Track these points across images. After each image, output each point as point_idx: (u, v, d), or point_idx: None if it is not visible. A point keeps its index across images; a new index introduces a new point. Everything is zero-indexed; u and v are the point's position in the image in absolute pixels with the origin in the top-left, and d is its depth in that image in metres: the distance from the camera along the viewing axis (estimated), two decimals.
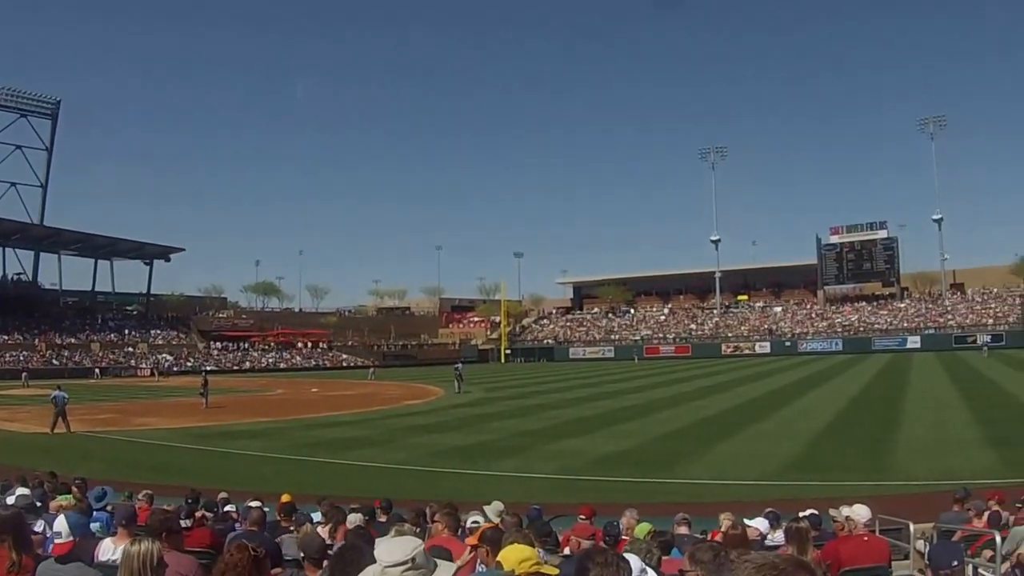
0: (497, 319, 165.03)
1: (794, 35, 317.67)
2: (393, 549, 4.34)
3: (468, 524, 11.73)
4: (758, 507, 15.48)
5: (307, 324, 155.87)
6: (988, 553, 11.73)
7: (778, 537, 12.21)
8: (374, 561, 4.37)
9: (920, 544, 14.18)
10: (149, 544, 5.48)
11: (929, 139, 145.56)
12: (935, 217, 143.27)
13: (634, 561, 4.73)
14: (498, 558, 5.39)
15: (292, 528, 12.58)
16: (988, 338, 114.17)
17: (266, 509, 12.82)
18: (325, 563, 7.06)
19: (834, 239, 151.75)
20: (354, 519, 12.22)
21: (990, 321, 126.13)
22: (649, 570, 4.93)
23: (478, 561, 7.47)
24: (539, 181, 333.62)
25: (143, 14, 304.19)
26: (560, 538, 13.56)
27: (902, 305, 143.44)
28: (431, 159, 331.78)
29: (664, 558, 9.47)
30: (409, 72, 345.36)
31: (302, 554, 7.90)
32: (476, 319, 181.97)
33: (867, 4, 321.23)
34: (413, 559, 4.25)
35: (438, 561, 4.65)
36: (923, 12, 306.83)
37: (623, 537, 11.93)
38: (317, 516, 13.93)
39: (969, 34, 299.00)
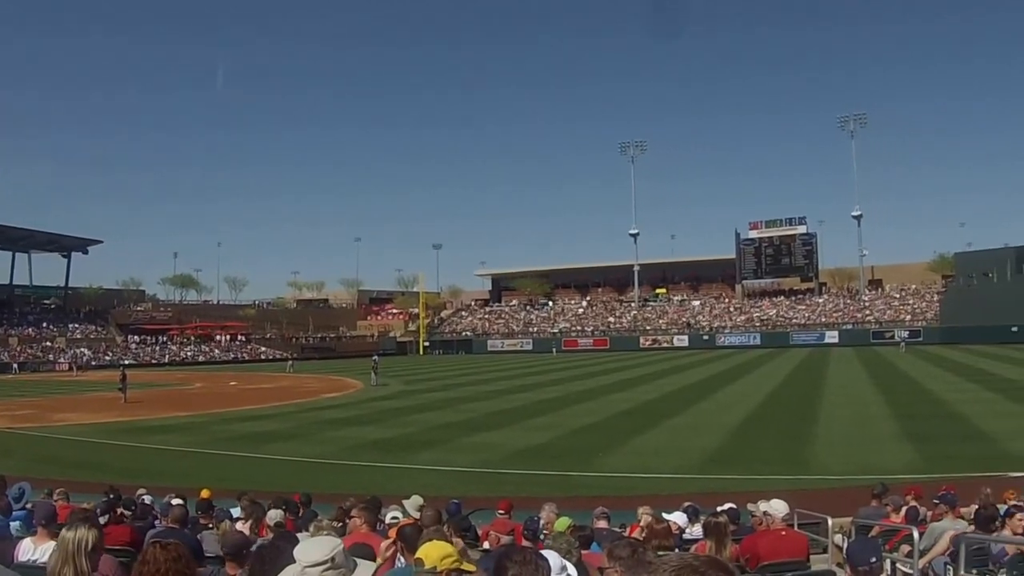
0: (415, 311, 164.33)
1: (715, 31, 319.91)
2: (312, 549, 4.30)
3: (388, 519, 11.66)
4: (677, 500, 15.57)
5: (225, 317, 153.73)
6: (906, 548, 11.85)
7: (696, 531, 12.23)
8: (294, 560, 4.32)
9: (838, 538, 14.30)
10: (85, 530, 5.47)
11: (849, 137, 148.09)
12: (854, 214, 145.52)
13: (554, 558, 4.65)
14: (418, 555, 5.29)
15: (211, 525, 12.44)
16: (906, 334, 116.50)
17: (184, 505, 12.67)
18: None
19: (753, 234, 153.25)
20: (274, 515, 12.11)
21: (908, 317, 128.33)
22: (570, 567, 4.83)
23: (397, 556, 7.40)
24: (458, 173, 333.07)
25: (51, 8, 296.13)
26: (479, 532, 13.51)
27: (820, 300, 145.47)
28: (349, 150, 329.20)
29: (583, 552, 9.42)
30: (326, 65, 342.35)
31: (223, 551, 7.74)
32: (395, 311, 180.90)
33: (788, 2, 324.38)
34: (332, 558, 4.22)
35: (358, 560, 4.62)
36: (845, 11, 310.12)
37: (543, 532, 11.90)
38: (237, 512, 13.86)
39: (889, 34, 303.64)
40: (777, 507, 10.77)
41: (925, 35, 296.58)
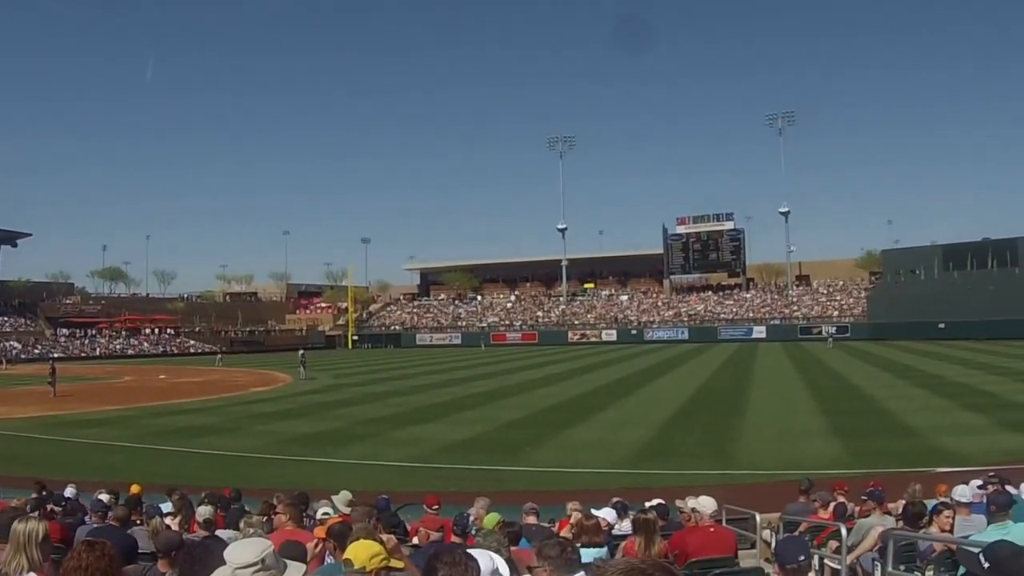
0: (344, 305, 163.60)
1: (646, 29, 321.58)
2: (242, 551, 4.33)
3: (319, 515, 11.60)
4: (606, 495, 15.60)
5: (154, 310, 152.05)
6: (834, 544, 11.92)
7: (626, 527, 12.22)
8: (223, 560, 4.32)
9: (766, 534, 14.37)
10: (36, 522, 5.69)
11: (778, 134, 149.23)
12: (782, 210, 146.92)
13: (484, 558, 4.60)
14: (346, 555, 5.29)
15: (140, 521, 12.24)
16: (833, 329, 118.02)
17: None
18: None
19: (681, 229, 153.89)
20: (203, 512, 11.95)
21: (835, 313, 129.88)
22: (502, 566, 4.77)
23: (326, 553, 7.42)
24: (387, 166, 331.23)
25: None
26: (408, 528, 13.43)
27: (748, 296, 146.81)
28: (279, 143, 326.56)
29: (512, 549, 9.36)
30: (256, 57, 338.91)
31: (156, 549, 7.68)
32: (323, 305, 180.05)
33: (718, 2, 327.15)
34: (263, 560, 4.25)
35: (288, 562, 4.62)
36: (774, 9, 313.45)
37: (473, 528, 11.87)
38: (167, 507, 13.77)
39: (820, 33, 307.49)
40: (705, 504, 10.81)
41: (853, 35, 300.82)
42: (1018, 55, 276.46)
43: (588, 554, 8.60)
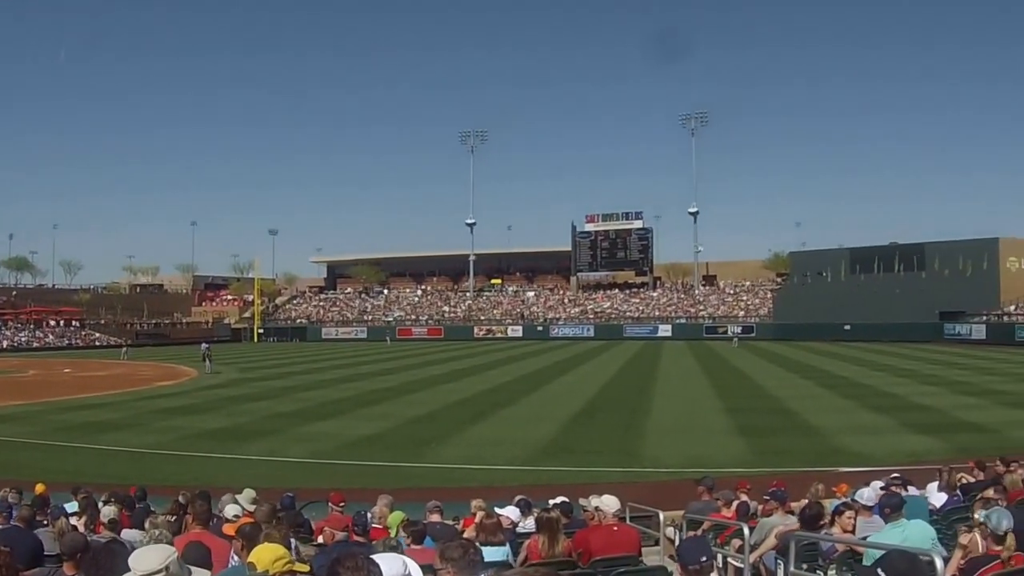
0: (250, 298, 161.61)
1: (557, 26, 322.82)
2: (146, 558, 4.41)
3: (230, 515, 11.49)
4: (510, 492, 15.59)
5: (60, 301, 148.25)
6: (737, 543, 12.03)
7: (529, 525, 12.22)
8: (128, 567, 4.38)
9: (670, 532, 14.49)
10: None
11: (690, 135, 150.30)
12: (691, 210, 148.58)
13: (390, 563, 4.62)
14: (250, 559, 5.35)
15: (46, 522, 12.05)
16: (739, 329, 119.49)
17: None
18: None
19: (589, 227, 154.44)
20: (108, 512, 11.87)
21: (741, 313, 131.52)
22: (415, 570, 4.78)
23: (231, 553, 7.46)
24: (296, 157, 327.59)
25: None
26: (314, 527, 13.35)
27: (655, 294, 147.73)
28: (186, 134, 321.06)
29: (416, 547, 9.33)
30: (160, 51, 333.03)
31: (61, 551, 7.60)
32: (229, 297, 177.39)
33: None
34: (167, 567, 4.33)
35: (193, 569, 4.79)
36: (689, 9, 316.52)
37: (375, 525, 11.83)
38: (72, 507, 13.60)
39: (731, 34, 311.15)
40: (609, 502, 10.85)
41: (764, 37, 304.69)
42: (926, 66, 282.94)
43: (490, 553, 8.60)
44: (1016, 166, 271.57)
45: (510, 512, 12.31)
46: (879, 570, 6.01)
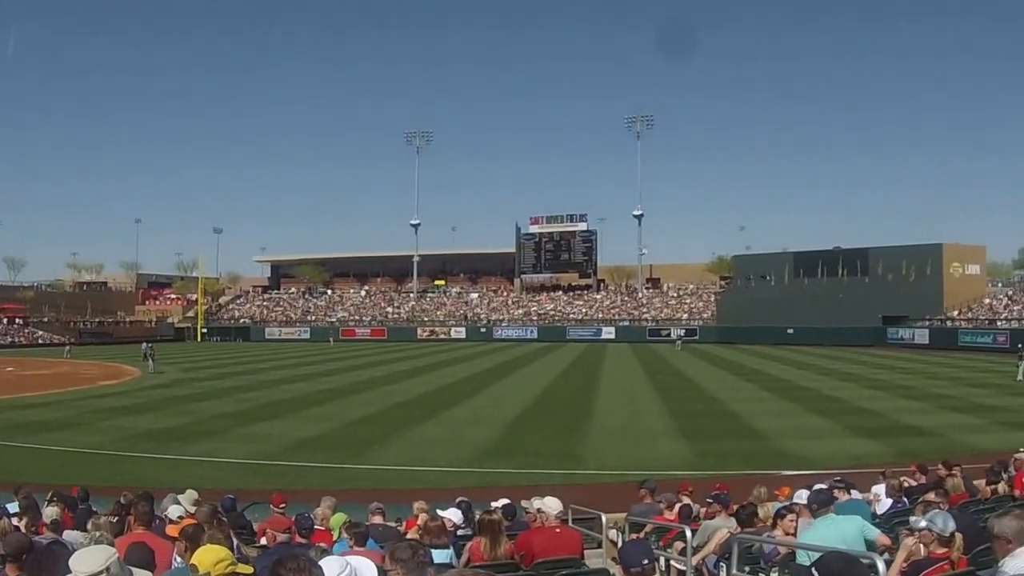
0: (194, 297, 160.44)
1: (505, 27, 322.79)
2: (87, 559, 4.39)
3: (175, 516, 11.41)
4: (452, 494, 15.58)
5: (3, 298, 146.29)
6: (679, 545, 12.09)
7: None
8: (69, 569, 4.39)
9: (613, 534, 14.54)
10: None
11: (636, 137, 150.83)
12: (635, 213, 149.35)
13: (332, 565, 4.65)
14: (193, 560, 5.39)
15: None
16: (682, 332, 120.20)
17: None
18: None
19: (533, 229, 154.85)
20: (50, 513, 11.81)
21: (685, 316, 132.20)
22: (369, 569, 4.80)
23: (174, 554, 7.46)
24: (241, 155, 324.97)
25: None
26: (256, 528, 13.28)
27: (598, 296, 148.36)
28: (131, 130, 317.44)
29: (359, 550, 9.30)
30: (106, 40, 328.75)
31: (3, 552, 7.40)
32: (173, 296, 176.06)
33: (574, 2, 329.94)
34: (107, 568, 4.33)
35: (134, 570, 4.81)
36: (638, 14, 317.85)
37: (317, 527, 11.80)
38: (13, 507, 13.43)
39: (674, 37, 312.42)
40: (551, 505, 10.86)
41: (709, 45, 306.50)
42: (871, 75, 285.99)
43: (435, 555, 8.57)
44: (960, 173, 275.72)
45: (452, 514, 12.30)
46: (814, 570, 6.03)
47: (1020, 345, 62.21)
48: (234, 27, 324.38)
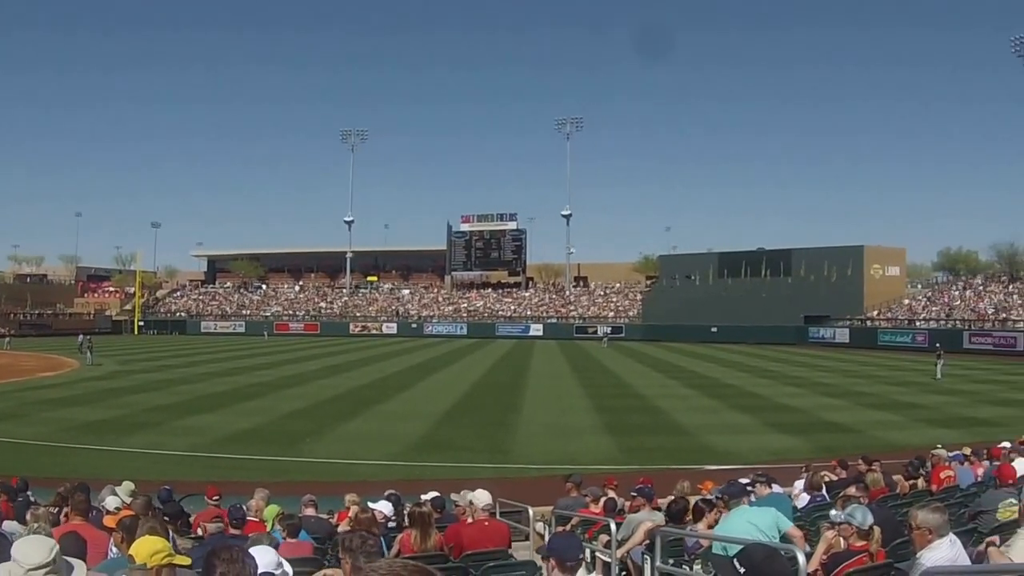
0: (132, 290, 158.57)
1: (439, 30, 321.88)
2: (32, 551, 4.34)
3: (112, 507, 11.27)
4: (383, 487, 15.63)
5: None
6: (604, 538, 12.17)
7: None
8: (8, 559, 4.34)
9: (540, 527, 14.61)
10: None
11: (565, 139, 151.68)
12: (564, 213, 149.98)
13: (266, 555, 4.67)
14: (130, 551, 5.34)
15: None
16: (609, 330, 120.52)
17: None
18: None
19: (465, 227, 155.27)
20: None
21: (611, 314, 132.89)
22: (286, 563, 4.84)
23: (110, 544, 7.39)
24: (179, 150, 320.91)
25: None
26: (192, 519, 13.22)
27: (527, 294, 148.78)
28: (70, 123, 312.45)
29: (292, 541, 9.30)
30: (47, 33, 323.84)
31: None
32: (111, 289, 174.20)
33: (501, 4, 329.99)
34: (53, 560, 4.29)
35: (68, 560, 4.66)
36: (559, 18, 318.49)
37: (251, 518, 11.77)
38: None
39: (603, 40, 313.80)
40: (480, 497, 10.90)
41: (640, 45, 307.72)
42: (795, 81, 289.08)
43: None
44: (882, 177, 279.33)
45: (383, 506, 12.31)
46: (735, 561, 6.12)
47: (938, 344, 63.04)
48: (172, 25, 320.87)
